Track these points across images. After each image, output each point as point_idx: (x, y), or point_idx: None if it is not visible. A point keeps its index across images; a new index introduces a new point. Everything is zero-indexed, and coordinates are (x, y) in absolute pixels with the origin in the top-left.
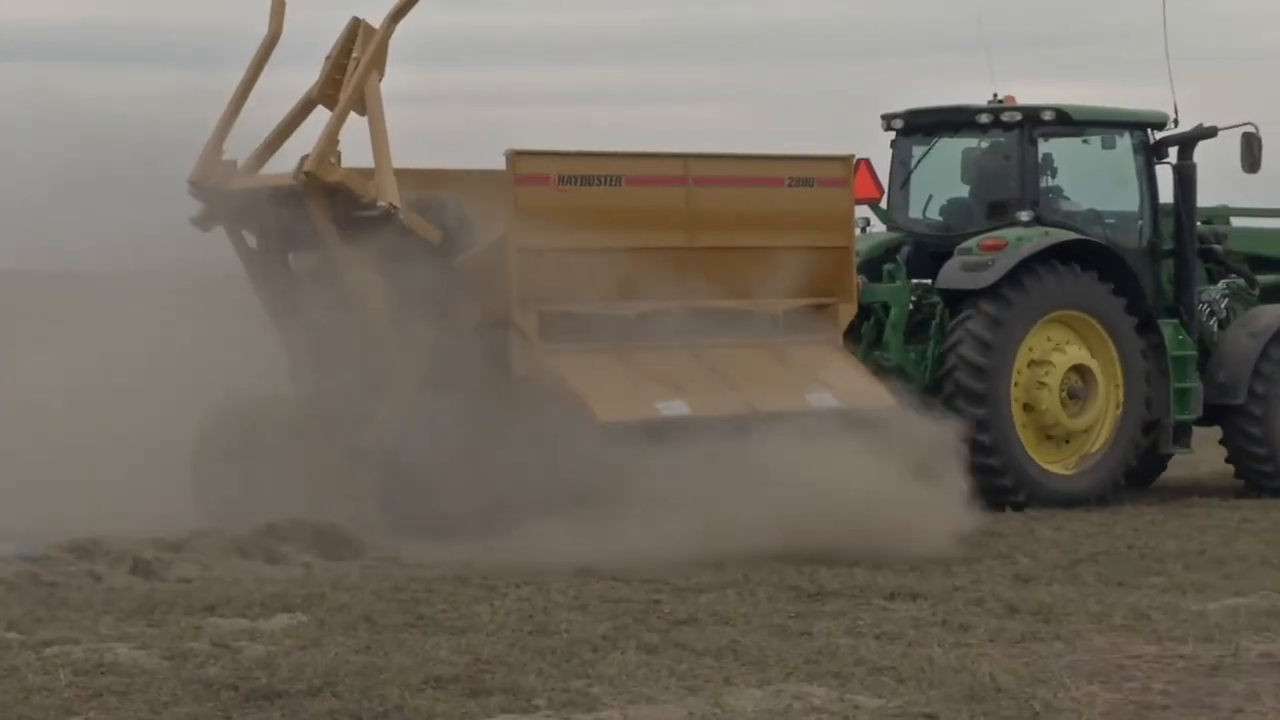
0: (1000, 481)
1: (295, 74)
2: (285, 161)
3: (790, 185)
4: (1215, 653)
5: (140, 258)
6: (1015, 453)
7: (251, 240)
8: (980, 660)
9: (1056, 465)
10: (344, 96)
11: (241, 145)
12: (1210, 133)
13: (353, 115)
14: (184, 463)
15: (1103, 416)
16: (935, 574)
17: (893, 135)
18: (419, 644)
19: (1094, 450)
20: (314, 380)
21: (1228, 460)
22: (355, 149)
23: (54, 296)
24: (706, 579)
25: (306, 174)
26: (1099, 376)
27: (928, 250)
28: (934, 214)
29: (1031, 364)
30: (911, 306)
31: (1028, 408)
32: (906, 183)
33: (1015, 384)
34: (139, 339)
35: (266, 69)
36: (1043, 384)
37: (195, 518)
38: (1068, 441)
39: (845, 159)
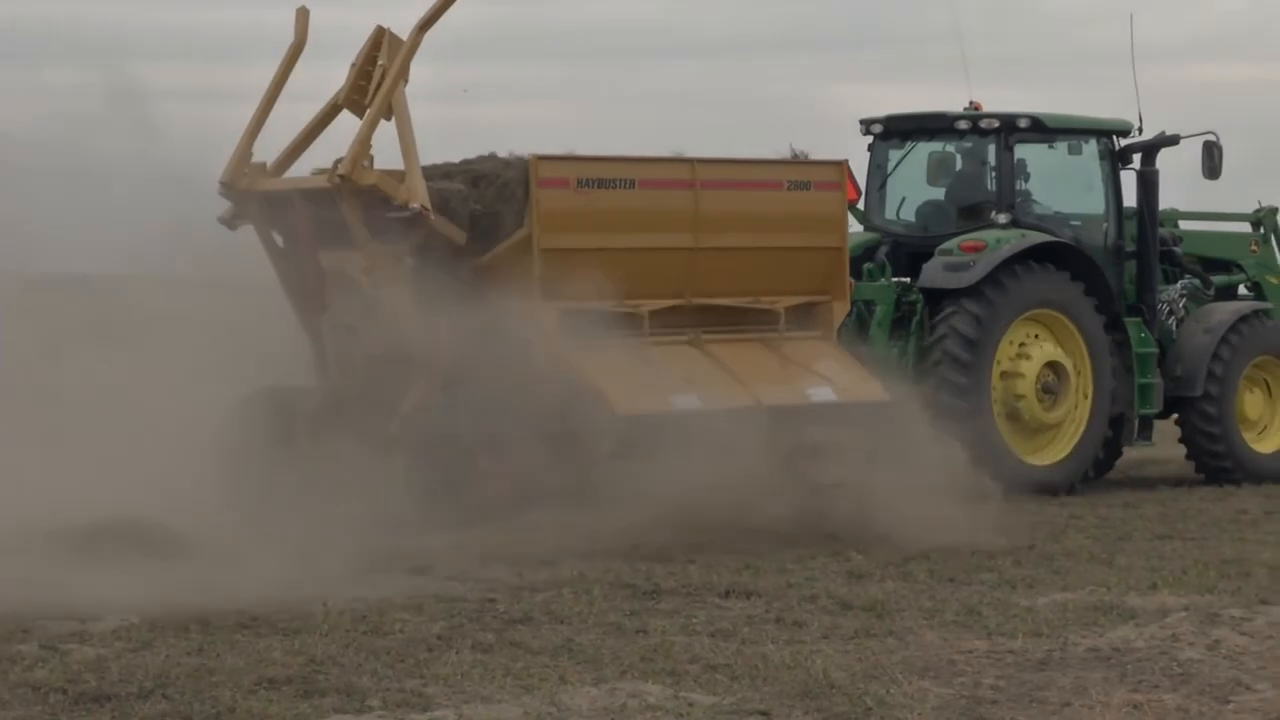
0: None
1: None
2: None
3: (789, 188)
4: (1044, 647)
5: (167, 258)
6: (996, 446)
7: (279, 239)
8: (814, 657)
9: (1032, 457)
10: (374, 104)
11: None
12: (1173, 140)
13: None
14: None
15: (1074, 410)
16: (770, 571)
17: (870, 139)
18: (252, 645)
19: (1066, 442)
20: (340, 373)
21: (1181, 441)
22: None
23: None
24: (542, 577)
25: (341, 177)
26: (1070, 372)
27: (904, 250)
28: (909, 215)
29: (1010, 359)
30: None
31: (1005, 401)
32: (883, 185)
33: (994, 379)
34: (166, 338)
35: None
36: (1020, 379)
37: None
38: (1041, 434)
39: (839, 164)
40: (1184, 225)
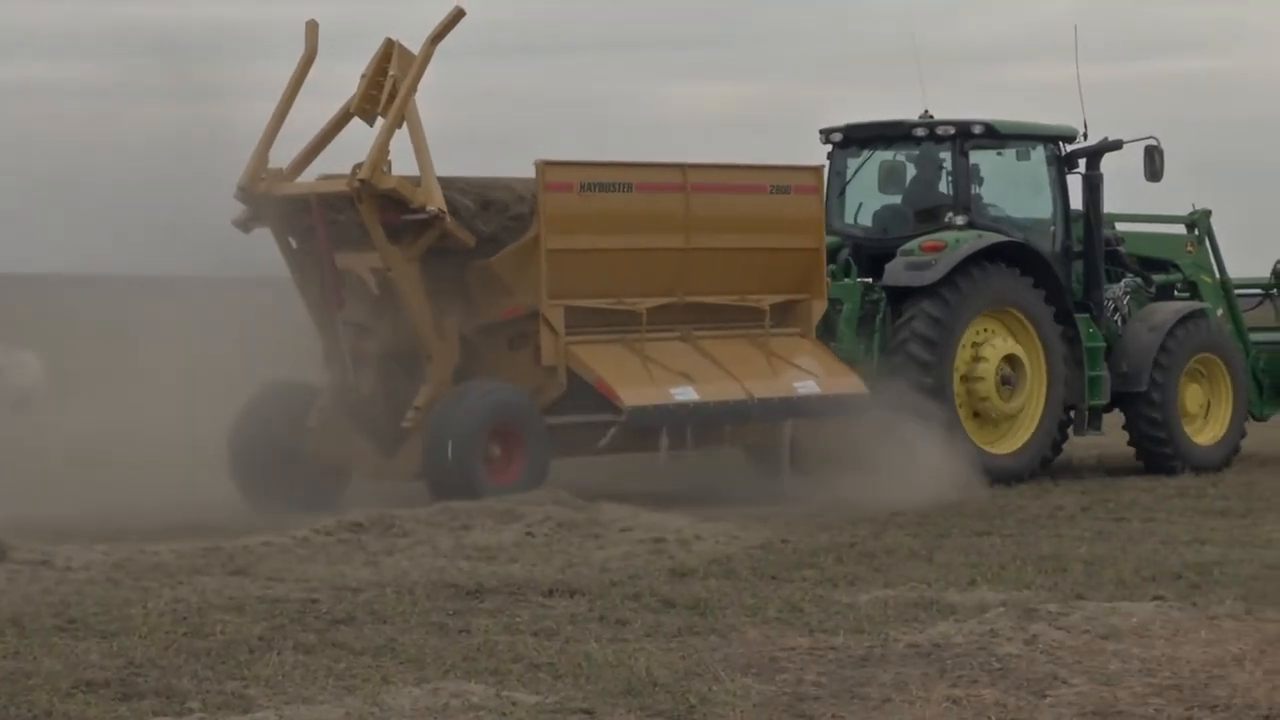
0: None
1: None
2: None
3: (771, 192)
4: (865, 644)
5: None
6: (958, 436)
7: (294, 242)
8: (637, 655)
9: (992, 446)
10: (391, 113)
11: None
12: (1116, 145)
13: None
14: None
15: (1030, 401)
16: (593, 570)
17: (829, 148)
18: (69, 648)
19: (1024, 432)
20: (352, 369)
21: (1130, 443)
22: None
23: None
24: (364, 577)
25: (361, 181)
26: (1027, 365)
27: (865, 252)
28: (866, 220)
29: (970, 353)
30: None
31: (966, 392)
32: (843, 192)
33: (955, 372)
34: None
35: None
36: (979, 372)
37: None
38: (1000, 424)
39: (816, 169)
40: (1120, 227)
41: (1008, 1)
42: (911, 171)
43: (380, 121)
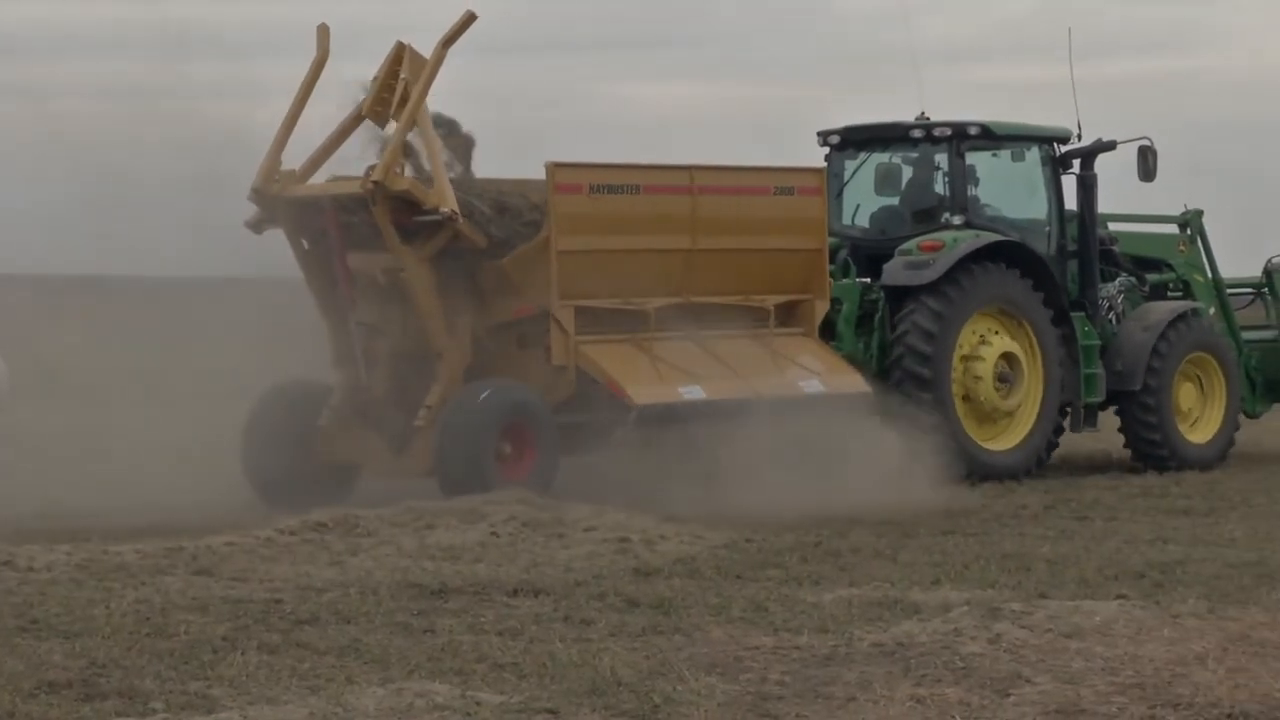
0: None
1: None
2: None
3: (775, 193)
4: (829, 643)
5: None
6: (956, 433)
7: (306, 243)
8: (601, 654)
9: (990, 443)
10: (405, 115)
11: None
12: (1110, 146)
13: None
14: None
15: (1027, 399)
16: (557, 570)
17: (827, 150)
18: (32, 649)
19: (1021, 429)
20: (364, 369)
21: (1125, 445)
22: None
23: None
24: (329, 577)
25: (375, 183)
26: (1023, 363)
27: (863, 253)
28: (864, 221)
29: (968, 351)
30: None
31: (965, 390)
32: (841, 193)
33: (954, 370)
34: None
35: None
36: (977, 370)
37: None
38: (998, 421)
39: (819, 170)
40: (1114, 227)
41: (966, 1)
42: (908, 173)
43: (392, 124)
